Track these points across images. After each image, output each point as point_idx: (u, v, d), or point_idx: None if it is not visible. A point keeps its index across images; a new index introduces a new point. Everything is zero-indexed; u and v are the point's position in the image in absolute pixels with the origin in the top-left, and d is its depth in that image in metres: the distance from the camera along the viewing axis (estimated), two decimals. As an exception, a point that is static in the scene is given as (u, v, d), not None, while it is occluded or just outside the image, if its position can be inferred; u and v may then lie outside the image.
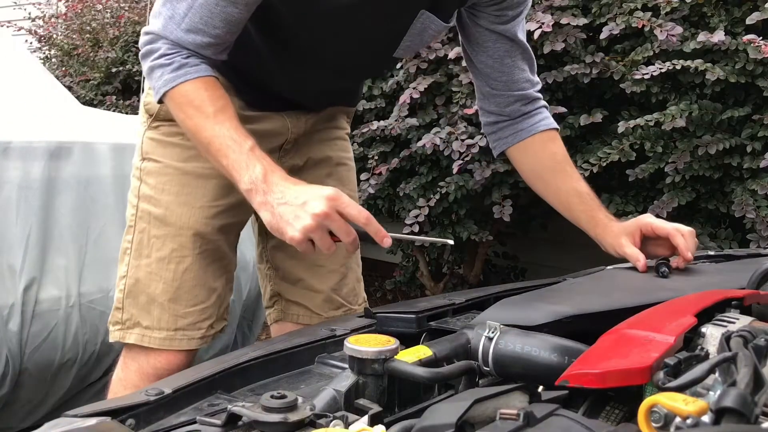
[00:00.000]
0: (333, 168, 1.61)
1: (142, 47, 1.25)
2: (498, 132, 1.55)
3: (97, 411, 0.73)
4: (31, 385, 2.21)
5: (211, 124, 1.19)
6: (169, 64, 1.21)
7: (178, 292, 1.42)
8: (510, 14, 1.44)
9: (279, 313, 1.66)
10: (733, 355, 0.62)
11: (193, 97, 1.20)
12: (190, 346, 1.44)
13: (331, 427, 0.65)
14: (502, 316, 0.93)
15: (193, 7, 1.19)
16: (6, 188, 2.26)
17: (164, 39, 1.22)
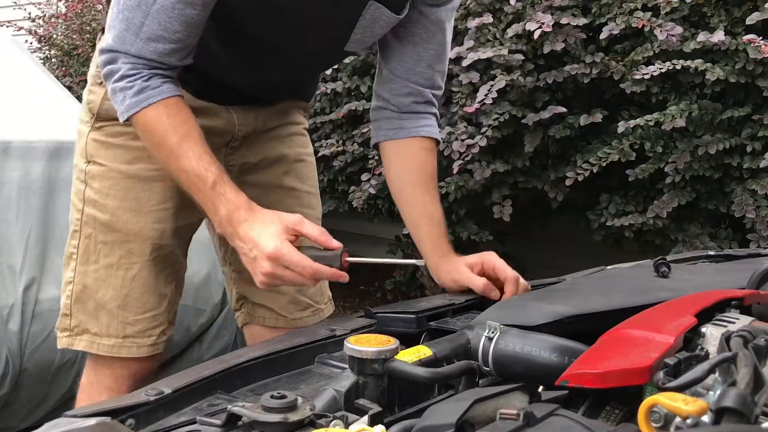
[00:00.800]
0: (290, 165, 1.58)
1: (102, 67, 1.21)
2: (381, 121, 1.48)
3: (97, 411, 0.73)
4: (31, 385, 2.21)
5: (175, 157, 1.18)
6: (130, 87, 1.17)
7: (126, 299, 1.40)
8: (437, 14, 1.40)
9: (246, 316, 1.64)
10: (733, 355, 0.62)
11: (155, 126, 1.18)
12: (140, 353, 1.42)
13: (331, 427, 0.65)
14: (502, 316, 0.93)
15: (149, 14, 1.14)
16: (6, 188, 2.26)
17: (124, 55, 1.17)
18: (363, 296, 4.07)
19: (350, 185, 3.22)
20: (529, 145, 2.66)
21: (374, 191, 2.99)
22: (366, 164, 3.08)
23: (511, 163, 2.78)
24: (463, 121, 2.73)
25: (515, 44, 2.62)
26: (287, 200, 1.57)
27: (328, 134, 3.34)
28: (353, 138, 3.17)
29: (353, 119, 3.22)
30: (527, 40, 2.63)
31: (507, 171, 2.77)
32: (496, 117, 2.60)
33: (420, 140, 1.45)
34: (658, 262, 1.21)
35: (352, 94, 3.18)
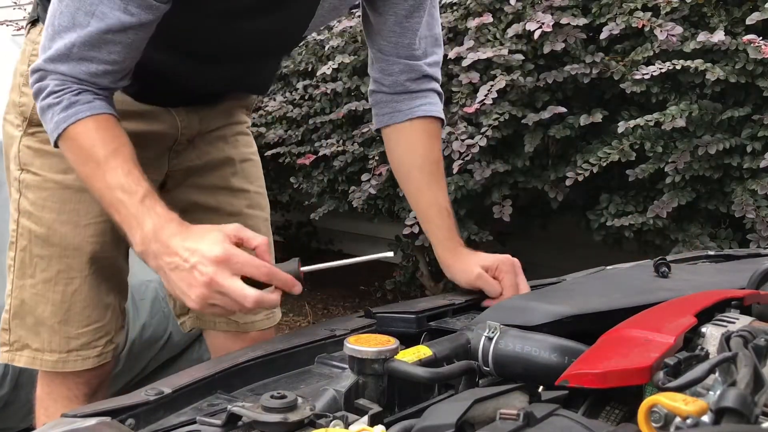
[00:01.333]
0: (237, 166, 1.52)
1: (32, 86, 1.12)
2: (377, 106, 1.40)
3: (97, 411, 0.73)
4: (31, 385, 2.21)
5: (102, 173, 1.07)
6: (57, 103, 1.09)
7: (68, 314, 1.34)
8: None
9: (194, 320, 1.56)
10: (733, 355, 0.62)
11: (83, 140, 1.09)
12: (85, 365, 1.37)
13: (331, 427, 0.64)
14: (502, 316, 0.93)
15: (82, 35, 1.06)
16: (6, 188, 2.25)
17: (53, 74, 1.09)
18: (363, 296, 4.07)
19: (350, 185, 3.22)
20: (529, 145, 2.66)
21: (374, 191, 2.99)
22: (366, 164, 3.08)
23: (511, 163, 2.78)
24: (463, 121, 2.73)
25: (515, 44, 2.62)
26: (236, 201, 1.51)
27: (328, 134, 3.34)
28: (353, 138, 3.17)
29: (353, 119, 3.22)
30: (527, 40, 2.63)
31: (507, 171, 2.77)
32: (496, 117, 2.60)
33: (420, 122, 1.37)
34: (658, 262, 1.21)
35: (352, 94, 3.18)
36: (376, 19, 1.35)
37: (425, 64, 1.37)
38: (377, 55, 1.37)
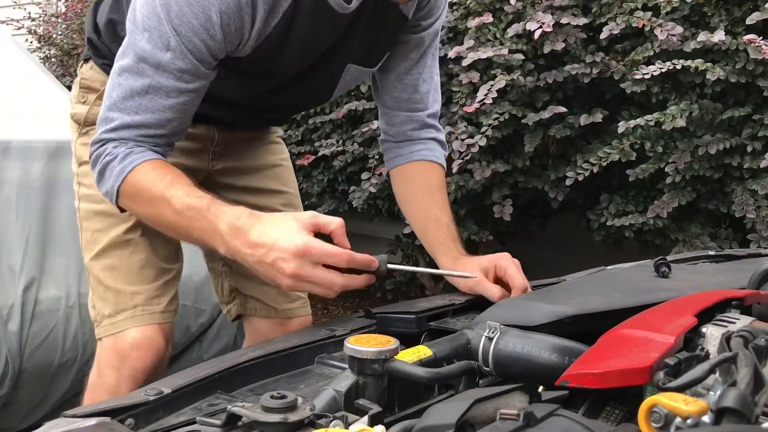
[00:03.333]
0: (272, 170, 1.66)
1: (91, 157, 1.22)
2: (385, 153, 1.57)
3: (97, 411, 0.73)
4: (31, 385, 2.21)
5: (167, 204, 1.14)
6: (114, 157, 1.17)
7: (129, 275, 1.44)
8: (424, 24, 1.44)
9: (239, 307, 1.69)
10: (733, 355, 0.62)
11: (142, 182, 1.16)
12: (153, 320, 1.44)
13: (331, 427, 0.64)
14: (502, 316, 0.92)
15: (141, 105, 1.16)
16: (6, 188, 2.26)
17: (112, 141, 1.18)
18: (363, 296, 4.07)
19: (350, 185, 3.22)
20: (529, 145, 2.66)
21: (374, 191, 2.99)
22: (366, 164, 3.08)
23: (511, 163, 2.78)
24: (463, 121, 2.73)
25: (515, 44, 2.62)
26: (274, 201, 1.63)
27: (328, 134, 3.34)
28: (353, 138, 3.17)
29: (353, 119, 3.22)
30: (527, 39, 2.63)
31: (507, 171, 2.76)
32: (496, 117, 2.60)
33: (419, 163, 1.51)
34: (658, 262, 1.21)
35: (352, 94, 3.18)
36: (379, 76, 1.50)
37: (426, 115, 1.52)
38: (383, 109, 1.53)
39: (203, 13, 1.09)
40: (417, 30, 1.43)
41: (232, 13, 1.11)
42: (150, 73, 1.14)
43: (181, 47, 1.11)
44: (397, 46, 1.43)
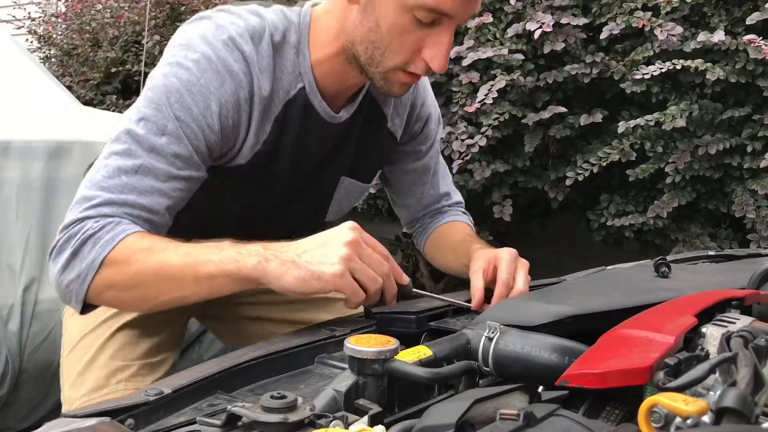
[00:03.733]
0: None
1: (56, 244, 1.10)
2: (416, 239, 1.62)
3: (97, 411, 0.73)
4: (31, 385, 2.21)
5: (172, 251, 1.03)
6: (100, 229, 1.05)
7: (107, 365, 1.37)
8: (423, 149, 1.49)
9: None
10: (733, 355, 0.62)
11: (138, 244, 1.04)
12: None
13: (331, 427, 0.64)
14: (502, 316, 0.92)
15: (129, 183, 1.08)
16: (6, 188, 2.26)
17: (93, 218, 1.07)
18: (363, 296, 4.06)
19: (350, 185, 3.22)
20: (529, 145, 2.66)
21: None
22: (366, 164, 3.08)
23: (511, 163, 2.78)
24: (463, 121, 2.73)
25: (515, 44, 2.62)
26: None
27: (328, 134, 3.34)
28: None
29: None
30: (527, 39, 2.63)
31: (507, 171, 2.76)
32: (496, 117, 2.60)
33: (449, 223, 1.56)
34: (658, 262, 1.21)
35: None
36: (388, 186, 1.57)
37: (445, 201, 1.59)
38: (399, 210, 1.62)
39: (203, 101, 1.10)
40: (412, 148, 1.48)
41: (230, 106, 1.12)
42: (142, 155, 1.08)
43: (178, 131, 1.09)
44: (395, 164, 1.49)
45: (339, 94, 1.26)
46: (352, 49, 1.16)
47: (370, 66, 1.15)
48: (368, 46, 1.13)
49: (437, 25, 1.09)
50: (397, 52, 1.11)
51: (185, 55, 1.12)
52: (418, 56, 1.12)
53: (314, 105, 1.22)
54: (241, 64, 1.12)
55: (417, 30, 1.09)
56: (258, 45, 1.14)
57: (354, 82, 1.24)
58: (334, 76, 1.21)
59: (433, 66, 1.11)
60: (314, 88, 1.21)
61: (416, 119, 1.43)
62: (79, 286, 1.07)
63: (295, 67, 1.19)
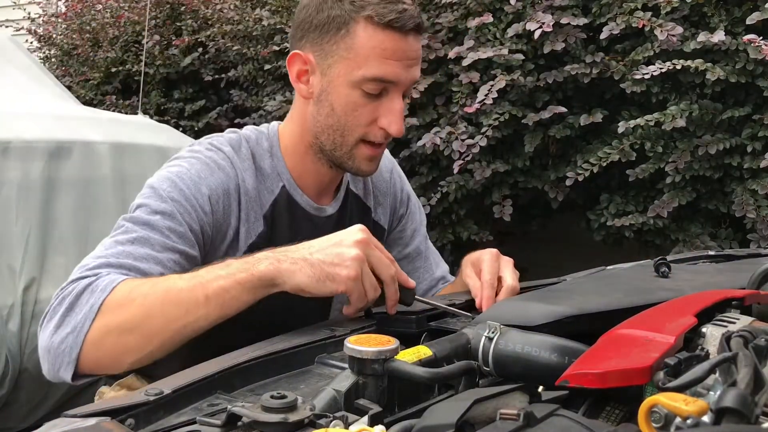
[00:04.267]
0: None
1: (51, 307, 1.04)
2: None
3: (97, 411, 0.73)
4: (31, 385, 2.21)
5: (176, 277, 1.04)
6: (95, 279, 1.04)
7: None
8: (409, 231, 1.48)
9: None
10: (733, 355, 0.62)
11: (137, 282, 1.04)
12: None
13: (331, 427, 0.64)
14: (502, 316, 0.92)
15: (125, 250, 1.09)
16: (6, 188, 2.25)
17: (88, 277, 1.05)
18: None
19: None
20: (529, 145, 2.66)
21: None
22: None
23: (511, 163, 2.78)
24: (463, 121, 2.73)
25: (515, 44, 2.62)
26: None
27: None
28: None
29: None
30: (527, 39, 2.63)
31: (507, 171, 2.77)
32: (496, 117, 2.60)
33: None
34: (658, 262, 1.21)
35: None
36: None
37: (441, 288, 1.50)
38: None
39: (194, 186, 1.16)
40: (400, 234, 1.48)
41: (220, 193, 1.19)
42: (138, 230, 1.11)
43: (171, 210, 1.13)
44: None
45: (321, 192, 1.32)
46: (317, 143, 1.25)
47: (335, 151, 1.24)
48: (329, 133, 1.23)
49: (385, 94, 1.19)
50: (355, 127, 1.21)
51: (174, 161, 1.22)
52: (375, 126, 1.21)
53: (297, 201, 1.28)
54: (225, 162, 1.21)
55: (368, 103, 1.20)
56: (237, 150, 1.25)
57: (329, 178, 1.31)
58: (310, 175, 1.29)
59: (391, 131, 1.20)
60: (293, 184, 1.28)
61: (400, 203, 1.49)
62: (74, 340, 1.00)
63: (273, 168, 1.27)
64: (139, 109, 3.60)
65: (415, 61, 1.20)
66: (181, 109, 4.35)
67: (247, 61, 3.87)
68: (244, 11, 3.83)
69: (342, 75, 1.18)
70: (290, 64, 1.25)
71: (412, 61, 1.19)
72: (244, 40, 3.86)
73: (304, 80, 1.24)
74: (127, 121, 2.87)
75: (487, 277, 1.20)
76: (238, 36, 3.88)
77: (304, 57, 1.22)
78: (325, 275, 1.00)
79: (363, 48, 1.16)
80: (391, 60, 1.16)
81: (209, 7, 4.11)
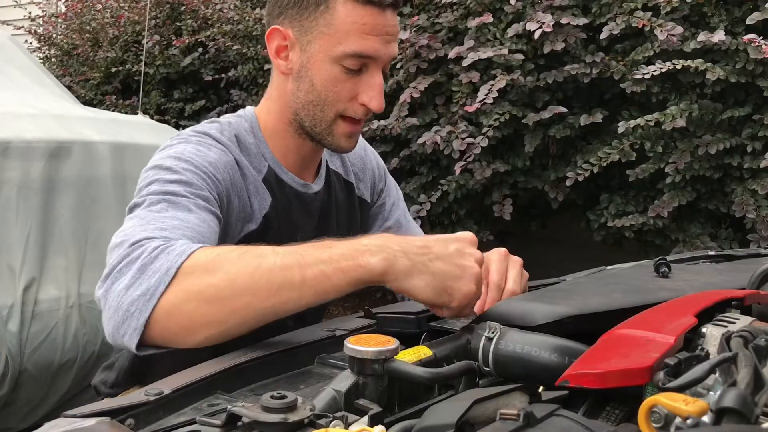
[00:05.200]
0: None
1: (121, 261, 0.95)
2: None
3: (97, 411, 0.73)
4: (31, 385, 2.21)
5: (270, 252, 0.93)
6: (170, 244, 0.95)
7: None
8: (387, 204, 1.49)
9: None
10: (733, 355, 0.62)
11: (218, 251, 0.95)
12: None
13: (331, 427, 0.64)
14: (502, 316, 0.92)
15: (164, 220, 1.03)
16: (6, 188, 2.25)
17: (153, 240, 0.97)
18: (363, 296, 4.06)
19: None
20: (529, 145, 2.66)
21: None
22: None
23: (512, 163, 2.78)
24: (463, 121, 2.73)
25: (515, 44, 2.62)
26: None
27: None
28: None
29: (353, 119, 3.21)
30: (527, 39, 2.63)
31: (507, 171, 2.77)
32: (496, 117, 2.60)
33: None
34: (658, 262, 1.21)
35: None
36: None
37: None
38: None
39: (198, 157, 1.15)
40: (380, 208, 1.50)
41: (223, 163, 1.18)
42: (161, 200, 1.06)
43: (188, 178, 1.10)
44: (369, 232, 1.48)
45: (303, 169, 1.33)
46: (297, 119, 1.26)
47: (315, 127, 1.24)
48: (309, 108, 1.23)
49: (365, 70, 1.20)
50: (334, 102, 1.22)
51: (164, 148, 1.18)
52: (355, 102, 1.22)
53: (284, 179, 1.29)
54: (215, 142, 1.21)
55: (349, 78, 1.20)
56: (221, 133, 1.24)
57: (310, 155, 1.32)
58: (292, 153, 1.30)
59: (372, 106, 1.22)
60: (278, 162, 1.29)
61: (378, 179, 1.51)
62: (144, 303, 0.91)
63: (257, 149, 1.28)
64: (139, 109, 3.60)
65: (393, 37, 1.21)
66: (181, 109, 4.35)
67: (247, 61, 3.87)
68: (244, 11, 3.83)
69: (322, 51, 1.19)
70: (269, 39, 1.24)
71: (390, 36, 1.20)
72: (244, 40, 3.86)
73: (283, 56, 1.24)
74: (127, 121, 2.87)
75: (495, 278, 1.16)
76: (238, 36, 3.88)
77: (284, 32, 1.22)
78: (443, 288, 0.94)
79: (343, 23, 1.16)
80: (371, 35, 1.17)
81: (209, 7, 4.11)
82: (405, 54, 2.85)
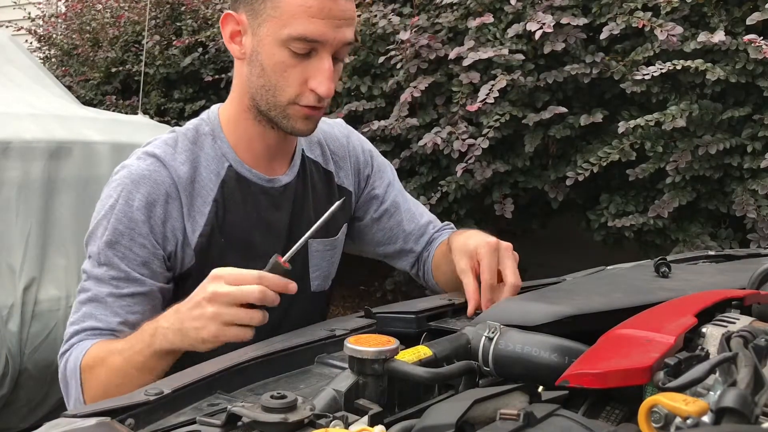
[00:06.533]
0: None
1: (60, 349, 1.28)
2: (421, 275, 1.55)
3: (97, 411, 0.73)
4: (31, 385, 2.21)
5: (116, 351, 1.15)
6: (69, 347, 1.24)
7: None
8: (381, 188, 1.48)
9: None
10: (733, 355, 0.62)
11: (95, 354, 1.18)
12: None
13: (331, 427, 0.64)
14: (502, 316, 0.92)
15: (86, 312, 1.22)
16: (6, 188, 2.26)
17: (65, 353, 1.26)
18: (363, 296, 4.07)
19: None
20: (529, 145, 2.66)
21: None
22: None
23: (512, 163, 2.78)
24: (463, 121, 2.73)
25: (516, 44, 2.62)
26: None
27: (328, 134, 3.34)
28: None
29: (353, 119, 3.21)
30: (528, 40, 2.63)
31: (507, 171, 2.77)
32: (496, 117, 2.60)
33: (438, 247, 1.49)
34: (659, 262, 1.21)
35: (352, 94, 3.18)
36: (378, 247, 1.52)
37: (432, 233, 1.52)
38: (400, 262, 1.54)
39: (126, 217, 1.20)
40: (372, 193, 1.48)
41: (152, 203, 1.21)
42: (91, 287, 1.21)
43: (110, 259, 1.20)
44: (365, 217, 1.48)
45: (272, 159, 1.32)
46: (254, 104, 1.25)
47: (270, 111, 1.24)
48: (262, 93, 1.22)
49: (314, 54, 1.19)
50: (284, 87, 1.20)
51: (106, 192, 1.25)
52: (305, 88, 1.20)
53: (246, 176, 1.29)
54: (155, 165, 1.23)
55: (297, 63, 1.19)
56: (174, 147, 1.27)
57: (276, 142, 1.30)
58: (255, 142, 1.29)
59: (319, 91, 1.19)
60: (239, 161, 1.29)
61: (364, 165, 1.48)
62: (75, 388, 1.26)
63: (216, 151, 1.28)
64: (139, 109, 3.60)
65: (345, 22, 1.18)
66: (181, 109, 4.35)
67: (247, 61, 3.87)
68: (244, 11, 3.83)
69: (270, 34, 1.19)
70: (223, 24, 1.24)
71: (340, 21, 1.17)
72: (244, 40, 3.86)
73: (237, 41, 1.24)
74: (127, 121, 2.87)
75: (486, 277, 1.17)
76: (238, 36, 3.88)
77: (237, 18, 1.22)
78: (199, 339, 1.05)
79: (289, 6, 1.16)
80: (317, 18, 1.15)
81: (209, 7, 4.11)
82: (405, 54, 2.85)
